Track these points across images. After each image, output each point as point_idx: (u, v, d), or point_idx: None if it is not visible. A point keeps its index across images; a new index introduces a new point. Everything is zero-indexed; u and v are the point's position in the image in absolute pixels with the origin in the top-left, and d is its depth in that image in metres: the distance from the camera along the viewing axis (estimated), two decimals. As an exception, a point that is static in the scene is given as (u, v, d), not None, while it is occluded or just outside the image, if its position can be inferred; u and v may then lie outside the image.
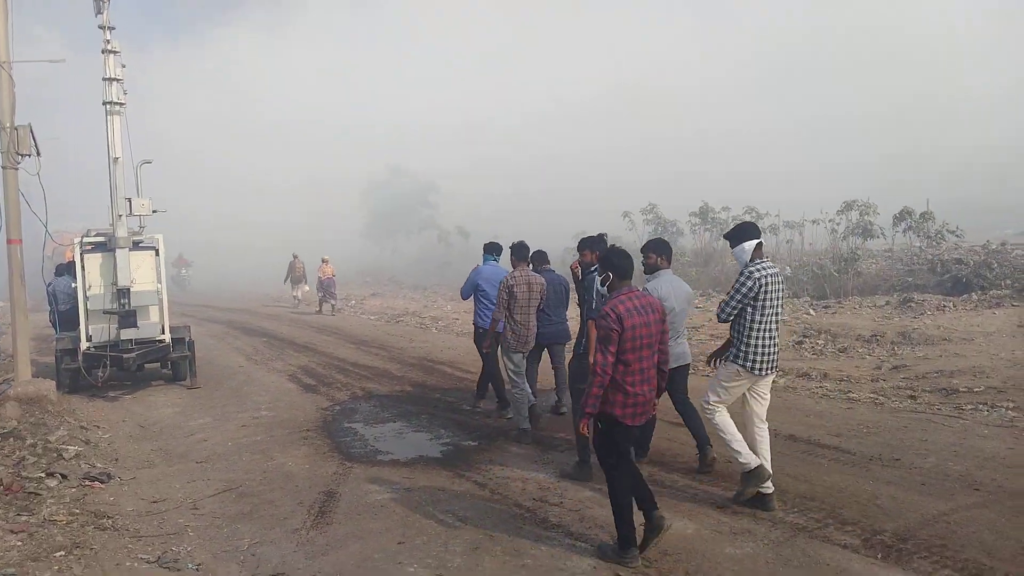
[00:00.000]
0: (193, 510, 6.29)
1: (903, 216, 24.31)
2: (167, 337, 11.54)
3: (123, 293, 10.99)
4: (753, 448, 5.94)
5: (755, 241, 6.03)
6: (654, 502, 5.10)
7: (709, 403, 6.12)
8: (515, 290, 8.04)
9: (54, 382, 10.24)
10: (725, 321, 6.08)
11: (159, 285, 11.50)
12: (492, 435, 8.34)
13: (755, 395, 6.06)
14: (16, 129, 9.70)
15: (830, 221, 25.91)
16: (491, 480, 6.80)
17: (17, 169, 9.81)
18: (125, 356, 10.89)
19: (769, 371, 5.97)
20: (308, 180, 71.61)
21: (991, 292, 16.61)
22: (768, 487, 5.84)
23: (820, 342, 13.60)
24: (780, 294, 6.01)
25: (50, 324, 13.63)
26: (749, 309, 5.90)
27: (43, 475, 6.99)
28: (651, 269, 6.84)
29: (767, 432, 6.07)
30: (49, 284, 13.10)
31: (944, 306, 15.64)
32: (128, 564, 5.17)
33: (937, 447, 7.30)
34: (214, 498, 6.58)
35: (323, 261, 24.15)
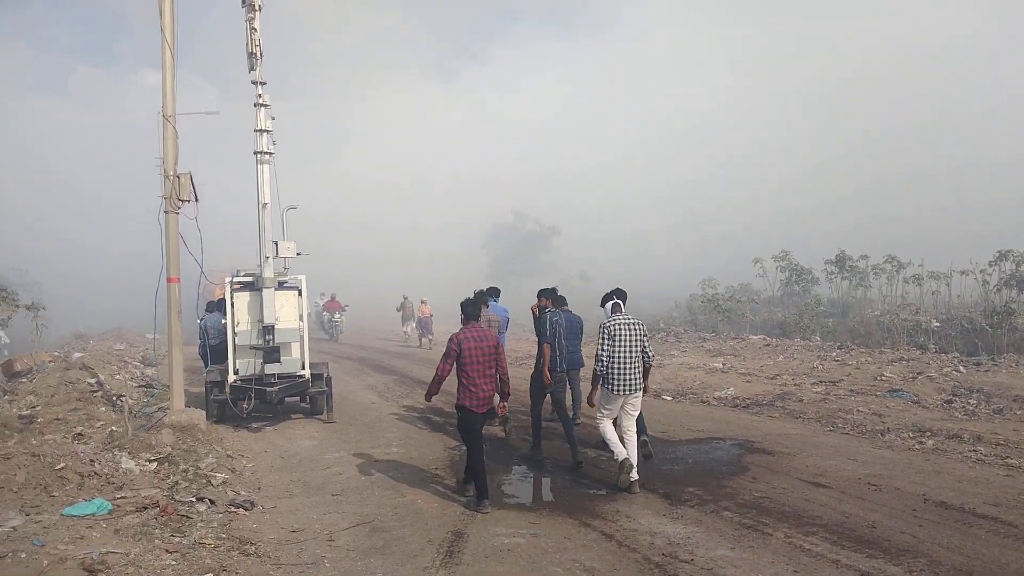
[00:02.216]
0: (329, 541, 6.52)
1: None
2: (307, 372, 12.10)
3: (268, 330, 11.64)
4: (624, 446, 8.07)
5: (611, 302, 8.50)
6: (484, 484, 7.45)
7: (598, 418, 8.41)
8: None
9: (204, 412, 10.91)
10: (601, 367, 8.18)
11: (301, 323, 12.11)
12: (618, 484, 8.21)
13: (625, 409, 8.24)
14: (178, 177, 10.53)
15: (981, 272, 24.31)
16: (618, 531, 6.69)
17: (178, 214, 10.62)
18: (268, 389, 11.48)
19: (628, 391, 8.07)
20: (434, 225, 74.05)
21: None
22: (634, 476, 7.87)
23: (972, 402, 12.67)
24: (633, 336, 8.19)
25: (199, 357, 14.58)
26: (607, 348, 8.10)
27: (194, 499, 7.44)
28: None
29: (634, 435, 8.27)
30: (201, 319, 14.06)
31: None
32: (269, 591, 5.40)
33: (1115, 524, 6.61)
34: (348, 531, 6.80)
35: (422, 302, 27.62)
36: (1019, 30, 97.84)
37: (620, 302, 8.52)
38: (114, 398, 12.78)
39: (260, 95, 11.61)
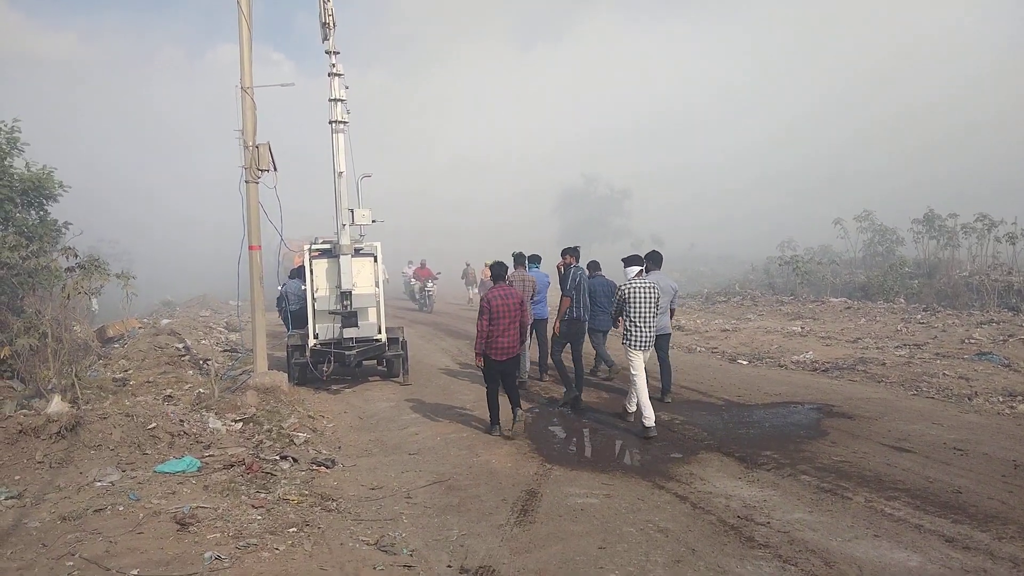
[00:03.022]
0: (407, 499, 6.70)
1: None
2: (383, 336, 12.36)
3: (346, 295, 11.93)
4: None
5: (636, 268, 9.05)
6: (515, 405, 8.95)
7: (632, 375, 8.95)
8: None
9: (286, 375, 11.28)
10: (615, 317, 9.40)
11: (377, 289, 12.36)
12: (693, 447, 8.18)
13: (646, 359, 9.01)
14: (257, 147, 10.80)
15: (1085, 229, 22.95)
16: (692, 493, 6.67)
17: (258, 183, 10.91)
18: (347, 353, 11.79)
19: (646, 348, 8.92)
20: (509, 192, 74.04)
21: None
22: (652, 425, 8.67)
23: (1070, 366, 12.05)
24: (649, 299, 8.86)
25: (281, 322, 15.05)
26: (626, 310, 8.91)
27: (278, 458, 7.74)
28: (648, 271, 9.60)
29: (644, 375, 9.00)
30: (283, 286, 14.48)
31: None
32: (351, 545, 5.60)
33: None
34: (425, 489, 6.97)
35: (485, 265, 26.06)
36: None
37: (641, 268, 9.11)
38: (201, 362, 13.34)
39: (334, 64, 11.74)
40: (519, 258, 11.96)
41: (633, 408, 9.34)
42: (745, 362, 14.12)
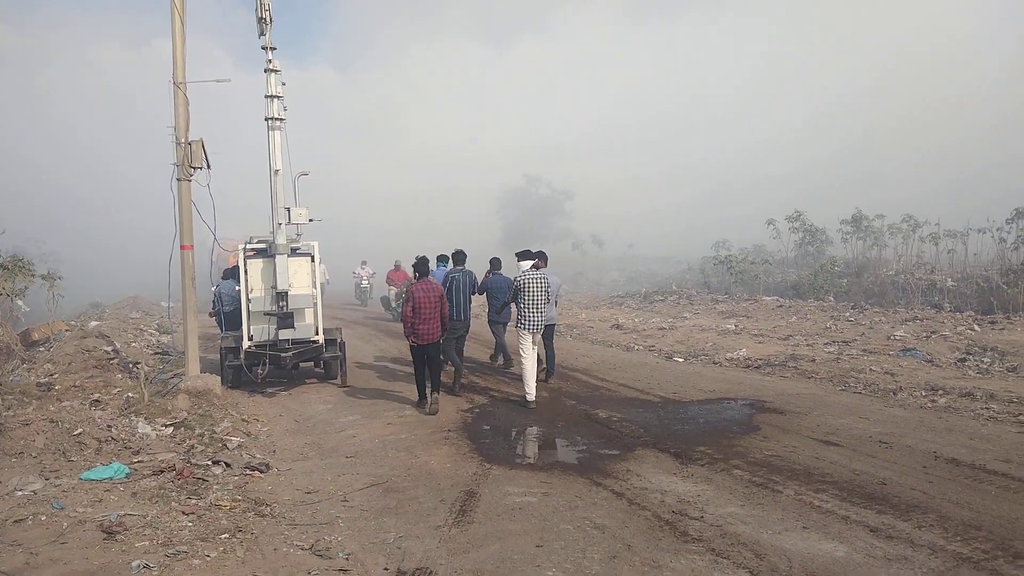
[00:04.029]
0: (343, 502, 6.62)
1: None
2: (321, 338, 12.18)
3: (282, 296, 11.71)
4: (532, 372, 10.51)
5: (529, 262, 10.63)
6: (434, 389, 10.30)
7: (522, 352, 10.48)
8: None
9: (219, 377, 11.03)
10: (510, 303, 11.03)
11: (314, 290, 12.17)
12: (630, 444, 8.29)
13: (535, 343, 10.59)
14: (190, 144, 10.53)
15: (998, 230, 24.03)
16: (629, 490, 6.75)
17: (190, 181, 10.64)
18: (283, 355, 11.58)
19: (535, 331, 10.43)
20: (445, 190, 73.92)
21: None
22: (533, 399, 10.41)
23: (986, 360, 12.62)
24: (539, 289, 10.34)
25: (215, 324, 14.70)
26: (520, 297, 10.38)
27: (210, 463, 7.56)
28: (536, 267, 10.68)
29: (536, 358, 10.63)
30: (216, 286, 14.15)
31: None
32: (285, 550, 5.50)
33: None
34: (362, 492, 6.90)
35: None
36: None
37: (533, 262, 10.67)
38: (130, 365, 12.93)
39: (270, 60, 11.52)
40: (424, 261, 11.77)
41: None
42: (681, 359, 14.37)
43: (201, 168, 10.64)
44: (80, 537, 5.45)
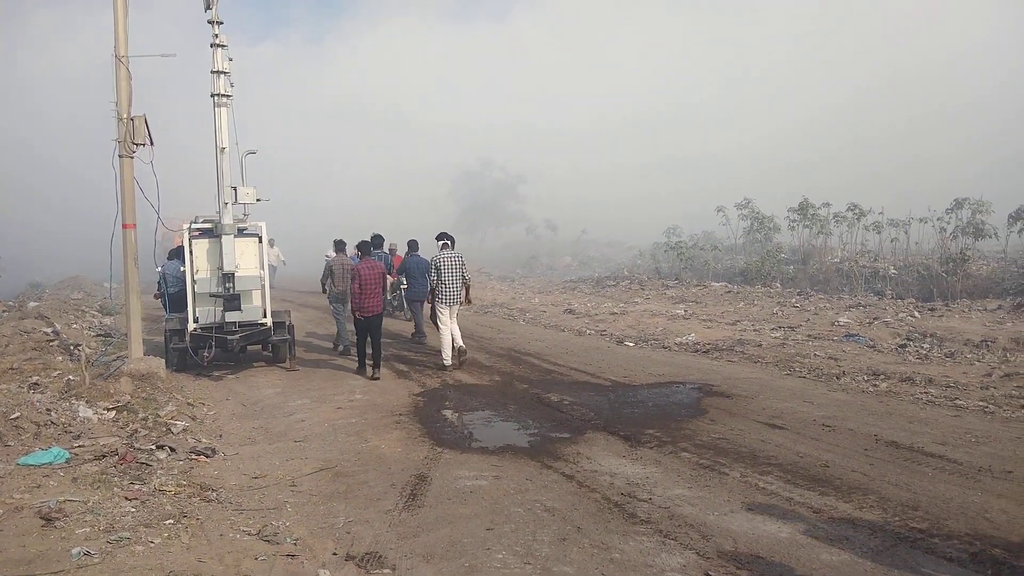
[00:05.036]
0: (292, 487, 6.54)
1: (1020, 215, 22.91)
2: (269, 320, 11.98)
3: (228, 278, 11.46)
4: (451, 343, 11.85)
5: (441, 243, 11.98)
6: (375, 365, 11.40)
7: (439, 325, 11.84)
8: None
9: (164, 360, 10.78)
10: (432, 279, 12.02)
11: (262, 271, 11.94)
12: (580, 427, 8.34)
13: (453, 316, 11.92)
14: (132, 120, 10.21)
15: (938, 220, 24.73)
16: (579, 472, 6.80)
17: (133, 158, 10.33)
18: (229, 338, 11.36)
19: (452, 304, 11.78)
20: (401, 169, 73.27)
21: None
22: (449, 362, 11.78)
23: (925, 346, 13.02)
24: (454, 266, 11.78)
25: (160, 305, 14.35)
26: (437, 275, 11.72)
27: (154, 447, 7.39)
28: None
29: (458, 334, 11.97)
30: (160, 267, 13.79)
31: (1064, 312, 14.69)
32: (231, 535, 5.41)
33: (1054, 461, 6.88)
34: (311, 476, 6.82)
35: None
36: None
37: (448, 242, 12.02)
38: (71, 347, 12.56)
39: (216, 35, 11.22)
40: (339, 244, 14.77)
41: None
42: (632, 344, 14.52)
43: (144, 145, 10.35)
44: (17, 524, 5.27)
